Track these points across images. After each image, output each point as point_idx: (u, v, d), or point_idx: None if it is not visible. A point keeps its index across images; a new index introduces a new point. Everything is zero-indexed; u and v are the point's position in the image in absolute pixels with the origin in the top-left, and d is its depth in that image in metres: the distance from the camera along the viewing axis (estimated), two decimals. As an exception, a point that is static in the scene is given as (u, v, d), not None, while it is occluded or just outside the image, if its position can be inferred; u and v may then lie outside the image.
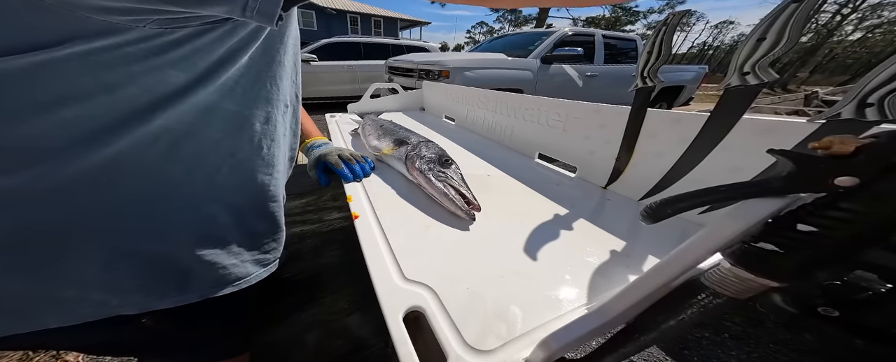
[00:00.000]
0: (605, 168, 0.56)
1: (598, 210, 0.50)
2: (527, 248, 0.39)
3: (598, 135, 0.58)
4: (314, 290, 0.61)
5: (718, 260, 0.18)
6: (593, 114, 0.58)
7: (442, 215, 0.45)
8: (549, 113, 0.68)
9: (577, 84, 3.16)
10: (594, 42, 3.27)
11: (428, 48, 4.99)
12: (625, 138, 0.50)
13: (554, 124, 0.67)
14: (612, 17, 18.87)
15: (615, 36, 3.63)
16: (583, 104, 0.61)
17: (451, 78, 2.48)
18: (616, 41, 3.58)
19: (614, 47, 3.52)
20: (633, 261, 0.37)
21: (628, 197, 0.53)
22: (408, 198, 0.50)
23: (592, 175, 0.60)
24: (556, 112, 0.66)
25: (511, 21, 23.56)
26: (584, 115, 0.61)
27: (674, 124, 0.46)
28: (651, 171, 0.49)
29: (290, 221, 0.86)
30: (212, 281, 0.35)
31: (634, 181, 0.52)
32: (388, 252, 0.37)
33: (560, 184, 0.59)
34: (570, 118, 0.63)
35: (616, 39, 3.60)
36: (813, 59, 38.10)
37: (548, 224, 0.45)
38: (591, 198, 0.54)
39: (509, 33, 3.87)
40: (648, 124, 0.48)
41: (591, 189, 0.57)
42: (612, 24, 19.13)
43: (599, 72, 3.31)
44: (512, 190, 0.56)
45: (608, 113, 0.56)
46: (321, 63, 4.27)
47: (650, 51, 0.40)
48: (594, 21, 20.80)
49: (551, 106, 0.68)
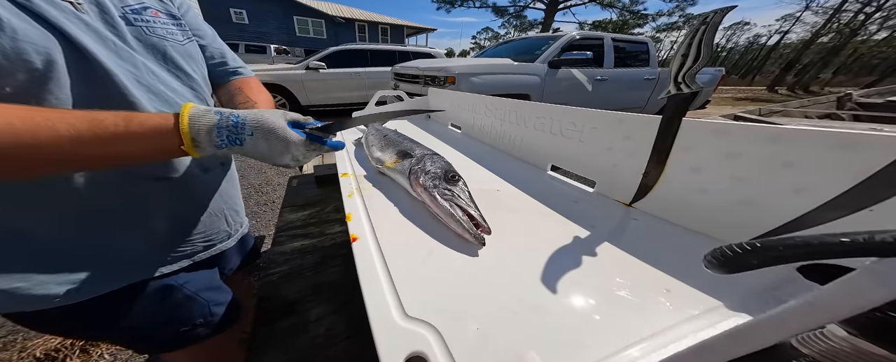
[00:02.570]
0: (629, 183, 0.50)
1: (624, 231, 0.44)
2: (545, 278, 0.34)
3: (621, 147, 0.52)
4: (314, 310, 0.57)
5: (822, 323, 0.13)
6: (616, 124, 0.52)
7: (448, 237, 0.41)
8: (563, 122, 0.63)
9: (586, 88, 3.10)
10: (603, 45, 3.21)
11: (434, 54, 5.02)
12: (654, 151, 0.45)
13: (569, 134, 0.62)
14: (619, 20, 18.59)
15: (625, 39, 3.57)
16: (603, 113, 0.55)
17: (457, 84, 2.46)
18: (626, 44, 3.51)
19: (624, 50, 3.46)
20: (676, 298, 0.31)
21: (660, 216, 0.47)
22: (411, 216, 0.46)
23: (615, 190, 0.54)
24: (571, 121, 0.61)
25: (516, 26, 23.59)
26: (605, 125, 0.55)
27: (716, 136, 0.40)
28: (687, 189, 0.43)
29: (291, 235, 0.83)
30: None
31: (666, 199, 0.46)
32: (387, 282, 0.33)
33: (578, 200, 0.54)
34: (589, 128, 0.58)
35: (626, 42, 3.53)
36: (836, 59, 36.80)
37: (567, 248, 0.39)
38: (615, 216, 0.48)
39: (515, 38, 3.85)
40: (684, 136, 0.42)
41: (614, 206, 0.51)
42: (620, 27, 18.84)
43: (609, 75, 3.24)
44: (524, 207, 0.51)
45: (634, 123, 0.50)
46: (329, 70, 4.36)
47: (685, 53, 0.35)
48: (601, 25, 20.51)
49: (566, 114, 0.62)
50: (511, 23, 22.41)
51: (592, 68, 3.11)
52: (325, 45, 5.26)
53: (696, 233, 0.43)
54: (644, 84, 3.58)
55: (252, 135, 0.37)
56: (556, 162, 0.66)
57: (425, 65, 2.90)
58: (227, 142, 0.36)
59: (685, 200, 0.44)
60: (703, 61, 0.35)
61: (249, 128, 0.36)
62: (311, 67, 4.26)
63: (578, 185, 0.60)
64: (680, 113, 0.41)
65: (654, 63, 3.67)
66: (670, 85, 0.38)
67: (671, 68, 0.37)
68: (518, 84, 2.70)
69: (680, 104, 0.40)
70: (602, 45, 3.21)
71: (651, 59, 3.63)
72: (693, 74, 0.36)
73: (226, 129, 0.35)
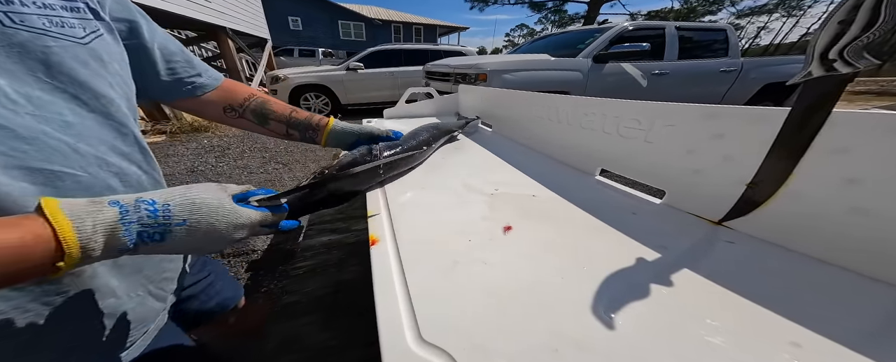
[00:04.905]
0: (719, 195, 0.40)
1: (712, 257, 0.35)
2: (595, 307, 0.28)
3: (710, 149, 0.41)
4: (331, 309, 0.56)
5: None
6: (703, 121, 0.41)
7: (474, 248, 0.36)
8: (622, 118, 0.52)
9: (638, 83, 2.78)
10: (664, 35, 2.85)
11: (465, 52, 5.02)
12: (774, 154, 0.34)
13: (629, 132, 0.51)
14: (683, 8, 16.26)
15: (695, 27, 3.13)
16: (685, 106, 0.44)
17: (489, 81, 2.39)
18: (694, 33, 3.07)
19: (691, 40, 3.03)
20: (808, 356, 0.23)
21: (775, 242, 0.36)
22: (433, 218, 0.42)
23: (694, 203, 0.43)
24: (634, 117, 0.50)
25: (554, 22, 22.29)
26: (686, 121, 0.43)
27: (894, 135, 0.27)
28: (832, 207, 0.31)
29: (320, 229, 0.85)
30: None
31: (792, 219, 0.34)
32: (403, 296, 0.29)
33: (637, 212, 0.45)
34: (660, 125, 0.47)
35: (695, 31, 3.09)
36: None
37: (625, 272, 0.32)
38: (694, 236, 0.39)
39: (553, 33, 3.63)
40: (835, 134, 0.30)
41: (693, 223, 0.41)
42: (684, 15, 16.54)
43: (671, 69, 2.87)
44: (567, 217, 0.44)
45: (732, 119, 0.38)
46: (366, 70, 4.60)
47: (847, 17, 0.25)
48: (659, 14, 18.33)
49: (626, 109, 0.52)
50: (549, 18, 21.24)
51: (649, 61, 2.78)
52: (364, 46, 5.56)
53: (844, 270, 0.31)
54: (720, 77, 3.11)
55: (182, 223, 0.26)
56: (608, 165, 0.56)
57: (456, 62, 2.86)
58: (143, 240, 0.24)
59: (828, 222, 0.32)
60: (887, 26, 0.23)
61: (177, 216, 0.25)
62: (350, 68, 4.55)
63: (637, 194, 0.50)
64: (827, 102, 0.29)
65: (736, 52, 3.17)
66: (811, 64, 0.27)
67: (814, 42, 0.27)
68: (556, 80, 2.53)
69: (831, 90, 0.29)
70: (662, 36, 2.85)
71: (731, 47, 3.14)
72: (864, 47, 0.25)
73: (137, 225, 0.24)
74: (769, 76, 3.22)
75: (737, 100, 3.29)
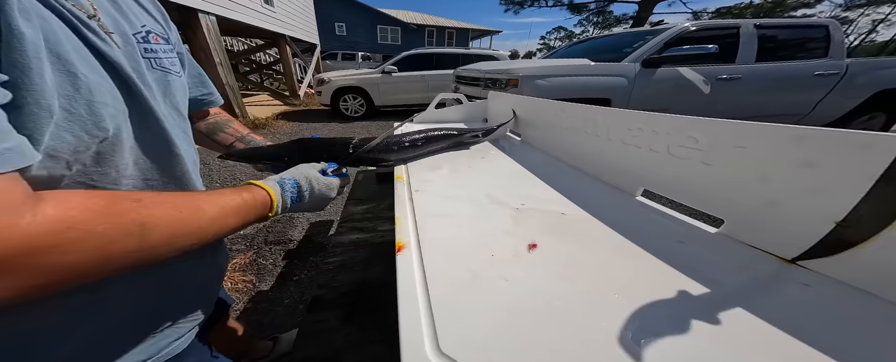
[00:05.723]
0: (799, 231, 0.34)
1: (777, 298, 0.30)
2: (623, 338, 0.26)
3: (793, 179, 0.34)
4: (354, 306, 0.59)
5: None
6: (789, 144, 0.34)
7: (495, 263, 0.36)
8: (675, 135, 0.46)
9: (698, 89, 2.46)
10: (738, 35, 2.46)
11: (497, 56, 4.99)
12: (881, 191, 0.28)
13: (683, 152, 0.46)
14: (766, 2, 13.40)
15: (783, 24, 2.63)
16: (763, 126, 0.37)
17: (520, 87, 2.32)
18: (781, 31, 2.59)
19: (776, 39, 2.56)
20: None
21: (864, 289, 0.30)
22: (457, 229, 0.43)
23: (762, 237, 0.38)
24: (690, 135, 0.44)
25: (597, 24, 20.82)
26: (764, 143, 0.36)
27: None
28: None
29: (350, 227, 0.91)
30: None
31: (892, 269, 0.29)
32: (425, 306, 0.30)
33: (686, 240, 0.41)
34: (725, 145, 0.40)
35: (782, 29, 2.60)
36: None
37: (665, 304, 0.30)
38: (757, 273, 0.34)
39: (594, 37, 3.42)
40: None
41: (758, 259, 0.36)
42: (767, 11, 13.65)
43: (744, 73, 2.47)
44: (599, 238, 0.42)
45: (828, 144, 0.31)
46: (399, 74, 4.80)
47: None
48: (732, 11, 15.27)
49: (682, 126, 0.45)
50: (590, 20, 20.01)
51: (714, 64, 2.43)
52: (399, 50, 5.85)
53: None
54: (813, 82, 2.59)
55: (307, 190, 0.43)
56: (653, 186, 0.52)
57: (487, 67, 2.82)
58: (292, 202, 0.41)
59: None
60: None
61: (306, 187, 0.43)
62: (385, 71, 4.79)
63: (687, 220, 0.45)
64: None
65: (839, 52, 2.59)
66: None
67: None
68: (596, 87, 2.35)
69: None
70: (736, 35, 2.45)
71: (833, 46, 2.57)
72: None
73: (288, 193, 0.41)
74: (884, 81, 2.61)
75: (835, 111, 2.71)
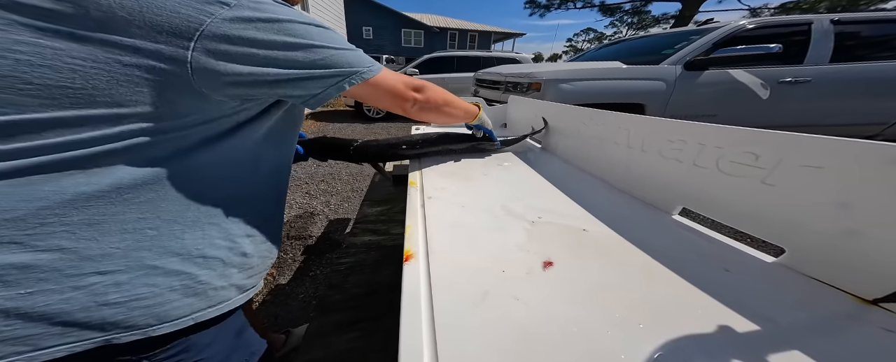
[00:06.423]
0: (884, 268, 0.28)
1: (849, 342, 0.26)
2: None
3: (885, 207, 0.28)
4: (360, 310, 0.59)
5: None
6: (886, 167, 0.28)
7: (509, 280, 0.34)
8: (728, 150, 0.40)
9: (754, 94, 2.15)
10: (809, 32, 2.14)
11: (519, 59, 4.90)
12: None
13: (738, 170, 0.40)
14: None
15: (868, 19, 2.22)
16: (852, 143, 0.30)
17: (543, 92, 2.23)
18: (865, 26, 2.19)
19: (858, 36, 2.19)
20: None
21: None
22: (468, 241, 0.41)
23: (835, 272, 0.33)
24: (749, 149, 0.38)
25: (632, 24, 19.41)
26: (850, 164, 0.30)
27: None
28: None
29: (364, 228, 0.92)
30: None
31: None
32: (428, 322, 0.29)
33: (733, 268, 0.36)
34: (794, 164, 0.34)
35: (867, 24, 2.19)
36: None
37: (704, 339, 0.26)
38: (825, 312, 0.29)
39: (626, 38, 3.19)
40: None
41: (828, 297, 0.31)
42: (845, 5, 11.91)
43: (815, 75, 2.14)
44: (625, 260, 0.38)
45: None
46: (421, 76, 4.88)
47: None
48: (799, 6, 12.90)
49: (736, 139, 0.39)
50: (624, 20, 18.74)
51: (774, 66, 2.13)
52: (421, 53, 5.98)
53: None
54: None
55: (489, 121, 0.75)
56: (695, 205, 0.45)
57: (508, 70, 2.75)
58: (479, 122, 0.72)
59: None
60: None
61: (489, 123, 0.75)
62: (407, 74, 4.88)
63: (736, 246, 0.40)
64: None
65: None
66: None
67: None
68: (628, 91, 2.17)
69: None
70: (806, 33, 2.13)
71: None
72: None
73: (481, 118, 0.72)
74: None
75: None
